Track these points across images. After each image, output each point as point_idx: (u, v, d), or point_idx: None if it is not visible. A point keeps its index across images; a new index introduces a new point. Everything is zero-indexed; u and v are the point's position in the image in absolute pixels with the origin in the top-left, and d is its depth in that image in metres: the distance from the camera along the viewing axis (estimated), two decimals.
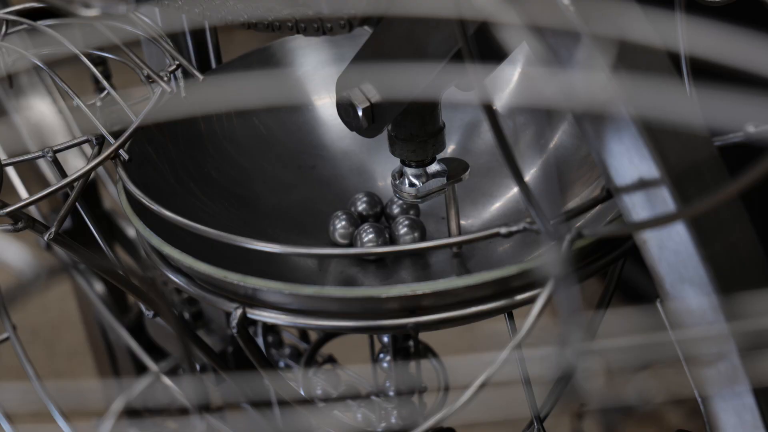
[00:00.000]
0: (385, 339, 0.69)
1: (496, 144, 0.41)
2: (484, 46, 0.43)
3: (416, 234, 0.60)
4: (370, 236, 0.59)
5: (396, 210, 0.62)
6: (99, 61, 0.74)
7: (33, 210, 0.87)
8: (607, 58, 0.42)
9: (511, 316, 0.57)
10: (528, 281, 0.48)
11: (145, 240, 0.53)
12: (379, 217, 0.62)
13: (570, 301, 0.40)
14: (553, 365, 0.39)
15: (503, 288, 0.48)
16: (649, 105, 0.42)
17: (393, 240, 0.60)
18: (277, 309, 0.50)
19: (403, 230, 0.59)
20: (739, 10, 0.57)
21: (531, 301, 0.47)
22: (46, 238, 0.56)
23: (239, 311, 0.50)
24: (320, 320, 0.49)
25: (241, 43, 0.70)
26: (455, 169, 0.56)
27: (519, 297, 0.48)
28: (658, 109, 0.42)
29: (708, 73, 0.41)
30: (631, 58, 0.42)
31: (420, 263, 0.60)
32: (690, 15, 0.53)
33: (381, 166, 0.65)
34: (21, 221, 0.54)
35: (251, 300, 0.50)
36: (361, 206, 0.62)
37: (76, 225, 0.89)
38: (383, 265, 0.59)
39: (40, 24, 0.61)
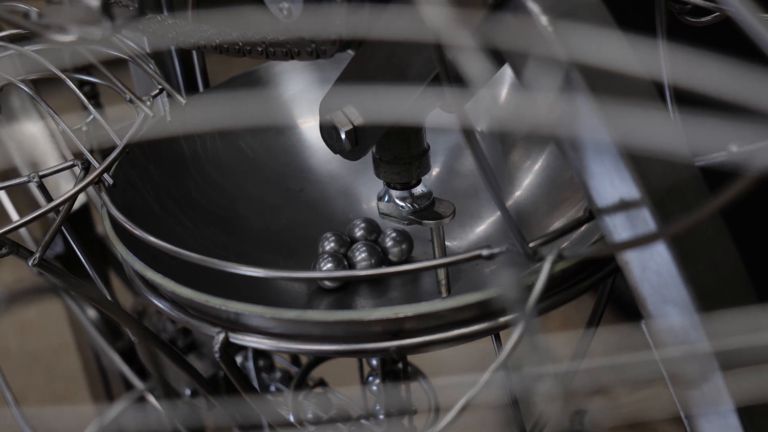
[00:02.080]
0: (374, 362, 0.69)
1: (476, 167, 0.41)
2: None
3: (404, 246, 0.60)
4: (363, 255, 0.59)
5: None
6: (86, 82, 0.74)
7: (24, 234, 0.87)
8: (586, 81, 0.41)
9: (498, 338, 0.56)
10: None
11: (129, 265, 0.53)
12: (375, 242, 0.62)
13: (529, 324, 0.40)
14: (507, 388, 0.38)
15: (487, 310, 0.48)
16: (629, 126, 0.42)
17: (384, 253, 0.60)
18: (261, 333, 0.49)
19: (389, 243, 0.60)
20: (726, 31, 0.57)
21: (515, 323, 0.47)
22: (30, 264, 0.55)
23: (222, 336, 0.49)
24: (304, 344, 0.49)
25: (240, 64, 0.69)
26: (443, 210, 0.56)
27: (502, 319, 0.48)
28: (640, 131, 0.42)
29: (689, 93, 0.41)
30: (611, 80, 0.42)
31: (410, 283, 0.59)
32: (673, 38, 0.53)
33: (368, 189, 0.65)
34: (5, 246, 0.54)
35: (234, 324, 0.49)
36: (359, 232, 0.62)
37: (69, 249, 0.89)
38: (374, 285, 0.59)
39: (27, 49, 0.61)
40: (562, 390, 0.39)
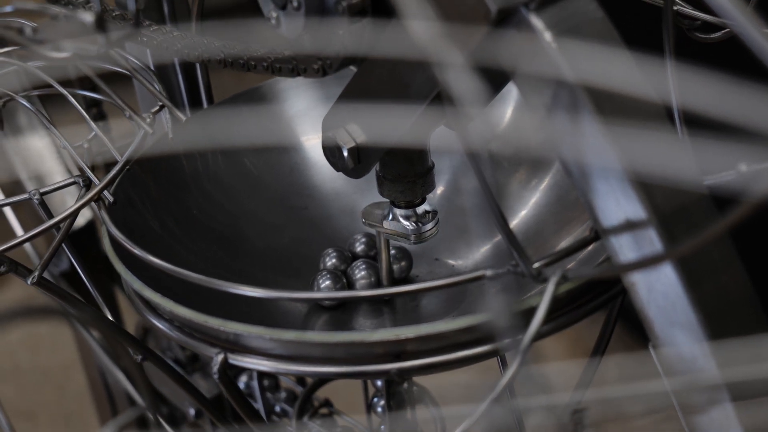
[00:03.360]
0: (379, 383, 0.68)
1: (479, 185, 0.40)
2: None
3: (403, 263, 0.59)
4: (363, 273, 0.59)
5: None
6: (92, 102, 0.73)
7: (30, 251, 0.86)
8: (590, 99, 0.41)
9: (503, 360, 0.55)
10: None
11: (128, 284, 0.52)
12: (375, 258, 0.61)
13: (528, 349, 0.39)
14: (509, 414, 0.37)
15: (491, 332, 0.47)
16: (635, 145, 0.41)
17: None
18: (261, 354, 0.48)
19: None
20: (739, 48, 0.56)
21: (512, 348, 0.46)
22: (29, 282, 0.55)
23: (220, 356, 0.48)
24: (304, 366, 0.48)
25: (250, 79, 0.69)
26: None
27: (507, 341, 0.47)
28: (645, 150, 0.41)
29: (697, 112, 0.40)
30: (616, 98, 0.41)
31: (410, 300, 0.59)
32: (681, 55, 0.52)
33: None
34: (3, 264, 0.54)
35: (233, 345, 0.48)
36: (359, 247, 0.61)
37: (74, 267, 0.88)
38: (373, 302, 0.58)
39: (30, 65, 0.61)
40: (566, 414, 0.38)
